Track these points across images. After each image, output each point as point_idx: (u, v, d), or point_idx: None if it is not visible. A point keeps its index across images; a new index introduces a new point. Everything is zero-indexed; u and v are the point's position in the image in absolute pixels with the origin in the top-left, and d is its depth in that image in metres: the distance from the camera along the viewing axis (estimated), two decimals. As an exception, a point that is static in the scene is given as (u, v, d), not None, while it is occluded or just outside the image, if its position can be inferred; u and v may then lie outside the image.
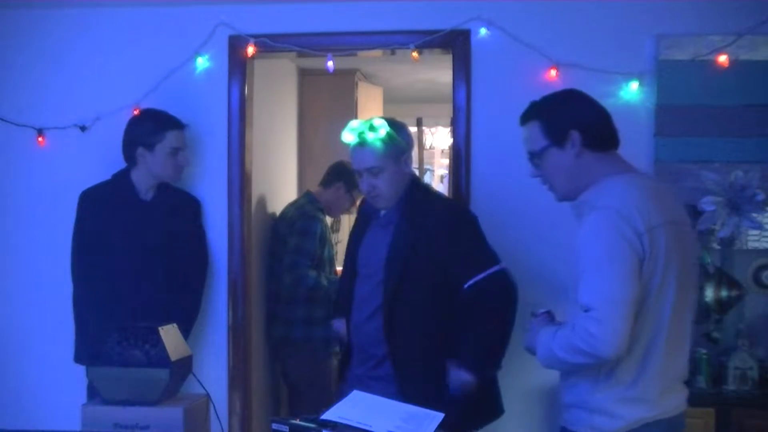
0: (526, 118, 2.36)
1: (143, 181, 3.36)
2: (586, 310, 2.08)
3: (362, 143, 2.88)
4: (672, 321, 2.19)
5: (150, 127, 3.30)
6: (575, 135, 2.26)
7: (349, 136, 2.91)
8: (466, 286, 2.78)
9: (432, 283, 2.81)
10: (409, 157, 2.96)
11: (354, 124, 2.93)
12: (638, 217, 2.12)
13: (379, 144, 2.86)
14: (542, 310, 2.38)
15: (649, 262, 2.11)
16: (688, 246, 2.25)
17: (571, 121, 2.27)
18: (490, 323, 2.79)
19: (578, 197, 2.29)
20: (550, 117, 2.30)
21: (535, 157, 2.33)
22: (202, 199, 3.62)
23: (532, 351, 2.32)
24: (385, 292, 2.84)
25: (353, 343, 2.98)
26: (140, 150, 3.30)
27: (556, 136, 2.27)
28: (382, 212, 2.95)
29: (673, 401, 2.24)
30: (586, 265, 2.12)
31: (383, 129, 2.87)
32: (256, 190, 3.92)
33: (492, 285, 2.79)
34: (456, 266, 2.80)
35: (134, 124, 3.35)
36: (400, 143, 2.91)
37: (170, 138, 3.29)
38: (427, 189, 3.12)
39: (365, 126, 2.89)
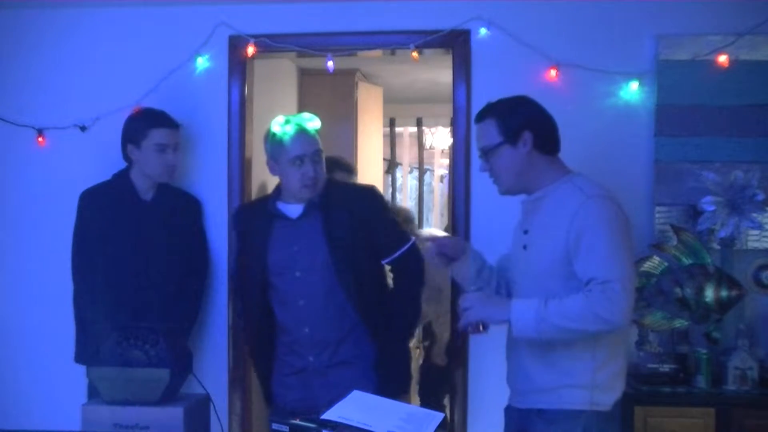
0: (481, 116, 2.55)
1: (142, 180, 3.36)
2: (603, 282, 2.24)
3: (304, 130, 2.95)
4: None
5: (137, 125, 3.31)
6: (528, 135, 2.47)
7: (286, 127, 2.95)
8: (389, 259, 3.02)
9: (368, 261, 2.98)
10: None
11: (281, 118, 2.99)
12: (624, 211, 2.41)
13: (314, 131, 2.98)
14: (473, 288, 2.50)
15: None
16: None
17: (526, 123, 2.48)
18: (410, 290, 3.05)
19: (533, 193, 2.51)
20: (506, 117, 2.50)
21: (487, 153, 2.52)
22: (202, 198, 3.62)
23: (491, 320, 2.42)
24: (340, 277, 2.90)
25: (298, 337, 2.96)
26: (130, 147, 3.32)
27: (510, 135, 2.48)
28: (295, 213, 2.96)
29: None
30: (597, 243, 2.31)
31: (317, 120, 3.00)
32: (256, 190, 3.91)
33: (411, 255, 3.02)
34: (384, 242, 3.01)
35: (126, 122, 3.36)
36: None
37: (155, 135, 3.28)
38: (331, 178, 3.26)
39: (298, 117, 2.99)
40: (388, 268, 3.09)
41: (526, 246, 2.51)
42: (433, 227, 8.62)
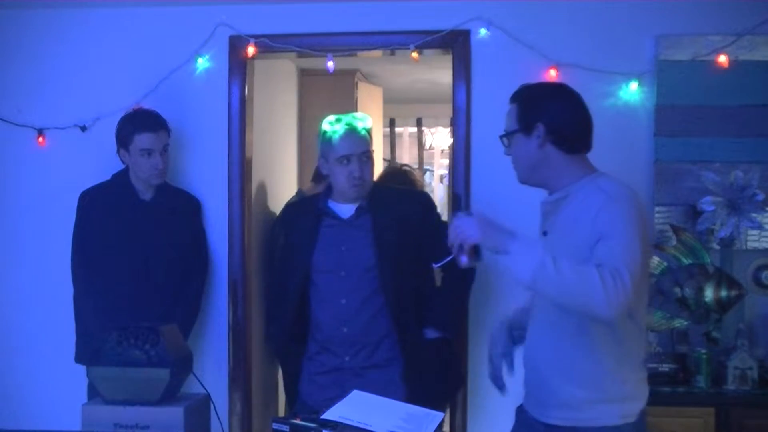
0: (513, 97, 2.43)
1: (139, 181, 3.36)
2: (615, 269, 2.11)
3: (354, 129, 2.94)
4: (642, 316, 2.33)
5: (124, 130, 3.31)
6: (541, 128, 2.32)
7: (336, 126, 2.94)
8: (437, 265, 2.92)
9: (414, 267, 2.97)
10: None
11: (333, 117, 2.99)
12: (643, 209, 2.29)
13: (365, 132, 2.96)
14: (465, 211, 2.44)
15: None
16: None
17: (542, 115, 2.33)
18: (457, 290, 3.09)
19: (555, 194, 2.37)
20: (526, 105, 2.37)
21: (505, 137, 2.42)
22: (202, 199, 3.62)
23: (487, 247, 2.21)
24: (384, 281, 2.90)
25: (334, 336, 2.95)
26: (122, 151, 3.33)
27: (524, 124, 2.35)
28: (346, 213, 2.97)
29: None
30: (616, 243, 2.15)
31: (369, 119, 3.00)
32: (256, 190, 3.91)
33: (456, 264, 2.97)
34: (429, 249, 2.93)
35: (117, 124, 3.36)
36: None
37: (139, 140, 3.27)
38: (379, 183, 3.26)
39: (350, 116, 2.98)
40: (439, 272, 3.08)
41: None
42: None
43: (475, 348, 3.48)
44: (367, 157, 2.95)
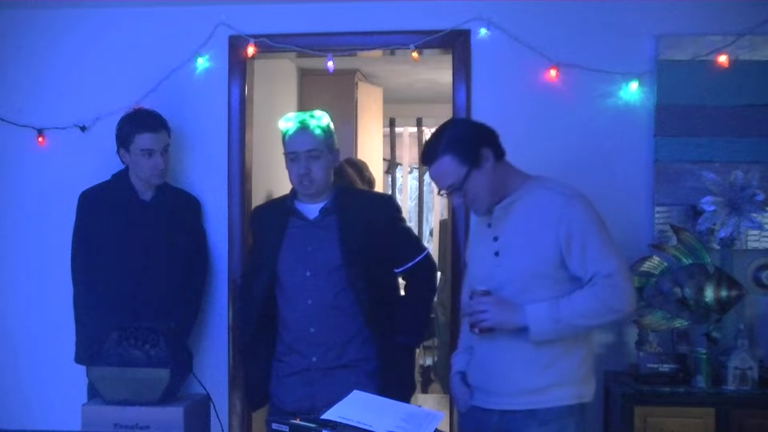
0: (431, 158, 2.50)
1: (139, 181, 3.36)
2: (607, 276, 2.36)
3: (304, 128, 2.96)
4: None
5: (124, 130, 3.31)
6: (487, 152, 2.46)
7: (288, 123, 2.99)
8: (402, 269, 3.07)
9: (380, 268, 3.00)
10: (338, 152, 3.10)
11: (290, 114, 3.03)
12: None
13: (318, 130, 2.97)
14: (481, 288, 2.47)
15: None
16: None
17: (479, 142, 2.48)
18: (423, 298, 3.12)
19: (505, 200, 2.50)
20: (458, 146, 2.47)
21: (457, 187, 2.49)
22: (202, 199, 3.62)
23: (509, 326, 2.43)
24: (352, 280, 2.92)
25: (301, 337, 2.95)
26: (122, 151, 3.33)
27: (472, 159, 2.46)
28: (312, 214, 2.99)
29: None
30: (593, 241, 2.40)
31: (326, 119, 3.01)
32: (256, 190, 3.91)
33: (425, 265, 3.09)
34: (397, 250, 3.05)
35: (117, 124, 3.35)
36: (334, 136, 3.05)
37: (140, 140, 3.27)
38: (346, 185, 3.30)
39: (305, 114, 3.00)
40: (401, 277, 3.11)
41: (498, 252, 2.49)
42: (433, 227, 8.62)
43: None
44: (315, 155, 2.94)
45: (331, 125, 3.03)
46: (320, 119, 2.99)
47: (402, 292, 3.14)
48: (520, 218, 2.47)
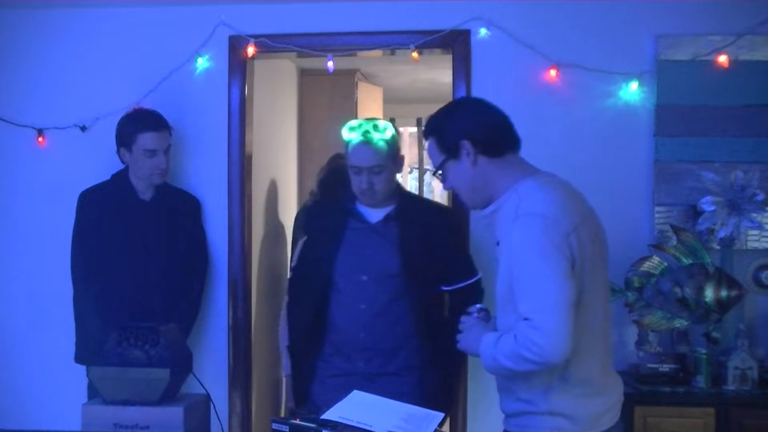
0: (425, 134, 2.39)
1: (139, 181, 3.36)
2: (526, 319, 2.08)
3: (367, 142, 2.88)
4: (603, 310, 2.25)
5: (126, 129, 3.31)
6: (466, 144, 2.26)
7: (351, 134, 2.91)
8: (450, 288, 2.98)
9: (435, 279, 2.95)
10: (402, 158, 3.03)
11: (354, 123, 2.95)
12: (562, 219, 2.13)
13: (382, 144, 2.89)
14: (478, 307, 2.38)
15: (578, 260, 2.14)
16: (601, 236, 2.30)
17: (460, 132, 2.28)
18: None
19: (488, 206, 2.30)
20: (441, 132, 2.32)
21: (438, 171, 2.36)
22: (202, 199, 3.62)
23: (471, 353, 2.34)
24: (408, 287, 2.89)
25: (350, 340, 2.92)
26: (122, 151, 3.33)
27: (450, 150, 2.29)
28: (375, 219, 2.94)
29: (617, 389, 2.31)
30: (521, 275, 2.12)
31: (389, 131, 2.92)
32: (256, 190, 3.91)
33: (474, 290, 2.97)
34: (450, 268, 2.97)
35: (117, 125, 3.35)
36: (399, 145, 2.99)
37: (143, 140, 3.27)
38: (411, 192, 3.22)
39: (369, 125, 2.91)
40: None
41: (498, 259, 2.30)
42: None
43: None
44: (377, 171, 2.88)
45: (396, 136, 2.97)
46: (384, 131, 2.90)
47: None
48: (497, 233, 2.27)
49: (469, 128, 2.28)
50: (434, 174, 2.39)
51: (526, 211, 2.14)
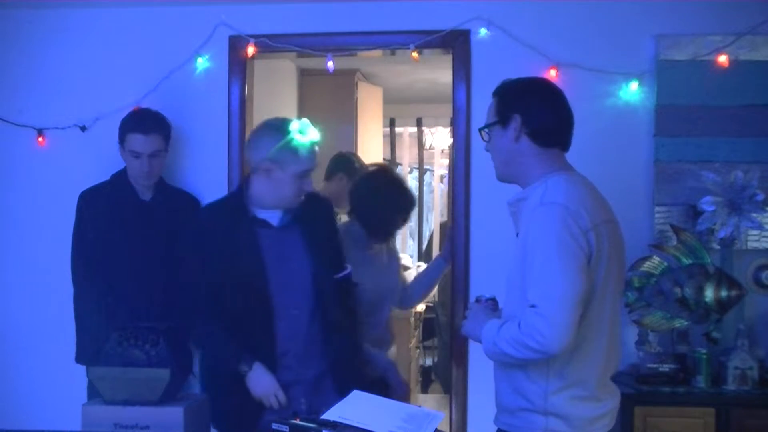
0: (495, 91, 2.43)
1: (137, 181, 3.36)
2: (532, 306, 2.09)
3: (314, 143, 2.87)
4: (611, 317, 2.25)
5: (121, 127, 3.31)
6: (518, 119, 2.30)
7: (303, 137, 2.83)
8: (337, 276, 2.91)
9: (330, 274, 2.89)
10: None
11: (296, 125, 2.86)
12: (584, 214, 2.16)
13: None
14: (487, 296, 2.38)
15: (594, 259, 2.15)
16: (621, 243, 2.32)
17: (519, 106, 2.32)
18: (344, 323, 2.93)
19: (516, 194, 2.33)
20: (505, 97, 2.37)
21: (483, 130, 2.40)
22: (201, 198, 3.61)
23: (473, 338, 2.34)
24: (319, 288, 2.83)
25: (292, 349, 2.82)
26: (120, 148, 3.33)
27: (503, 116, 2.33)
28: (276, 219, 2.84)
29: (613, 398, 2.31)
30: (534, 262, 2.13)
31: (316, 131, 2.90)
32: (256, 190, 3.91)
33: (347, 283, 2.95)
34: (331, 258, 2.92)
35: (120, 123, 3.36)
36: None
37: (129, 140, 3.26)
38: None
39: (304, 126, 2.86)
40: None
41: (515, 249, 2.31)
42: (433, 227, 8.63)
43: (477, 349, 3.47)
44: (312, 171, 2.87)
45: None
46: (315, 132, 2.89)
47: None
48: (521, 222, 2.28)
49: (528, 107, 2.32)
50: (480, 130, 2.42)
51: (550, 200, 2.18)
